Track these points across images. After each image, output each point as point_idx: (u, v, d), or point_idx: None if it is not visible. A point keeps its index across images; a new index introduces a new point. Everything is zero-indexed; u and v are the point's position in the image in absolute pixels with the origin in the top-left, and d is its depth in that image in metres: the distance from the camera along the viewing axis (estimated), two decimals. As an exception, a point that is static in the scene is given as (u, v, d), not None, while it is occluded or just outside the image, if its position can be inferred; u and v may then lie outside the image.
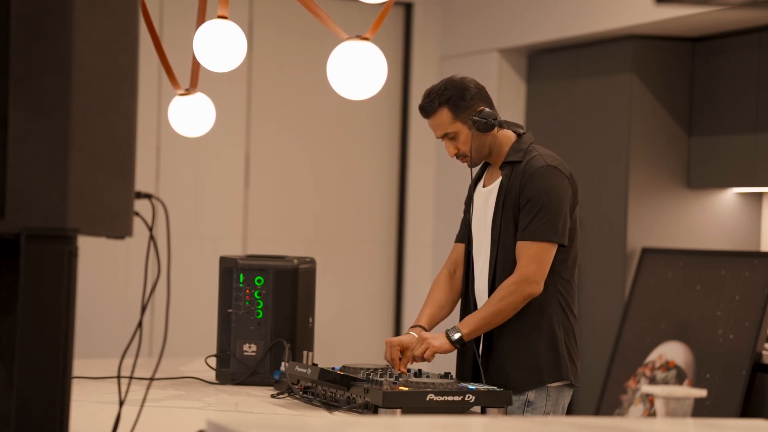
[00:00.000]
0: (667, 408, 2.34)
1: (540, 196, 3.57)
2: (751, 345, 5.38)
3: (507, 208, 3.63)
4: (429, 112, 3.72)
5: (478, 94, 3.69)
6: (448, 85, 3.69)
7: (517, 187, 3.62)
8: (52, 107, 2.15)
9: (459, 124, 3.68)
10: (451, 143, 3.72)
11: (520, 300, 3.55)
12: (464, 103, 3.67)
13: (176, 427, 3.22)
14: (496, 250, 3.64)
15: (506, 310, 3.56)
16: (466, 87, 3.68)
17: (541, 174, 3.60)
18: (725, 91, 5.97)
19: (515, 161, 3.66)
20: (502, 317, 3.57)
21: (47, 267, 2.14)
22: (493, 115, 3.67)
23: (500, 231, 3.63)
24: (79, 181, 2.16)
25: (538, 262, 3.55)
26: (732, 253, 5.80)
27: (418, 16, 7.32)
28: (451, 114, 3.68)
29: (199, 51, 4.11)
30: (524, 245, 3.57)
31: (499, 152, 3.72)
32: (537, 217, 3.57)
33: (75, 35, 2.15)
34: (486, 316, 3.58)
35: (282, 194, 7.07)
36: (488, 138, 3.69)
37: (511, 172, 3.65)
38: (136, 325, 2.37)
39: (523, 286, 3.55)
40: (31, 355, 2.14)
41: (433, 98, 3.70)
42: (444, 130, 3.71)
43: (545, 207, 3.57)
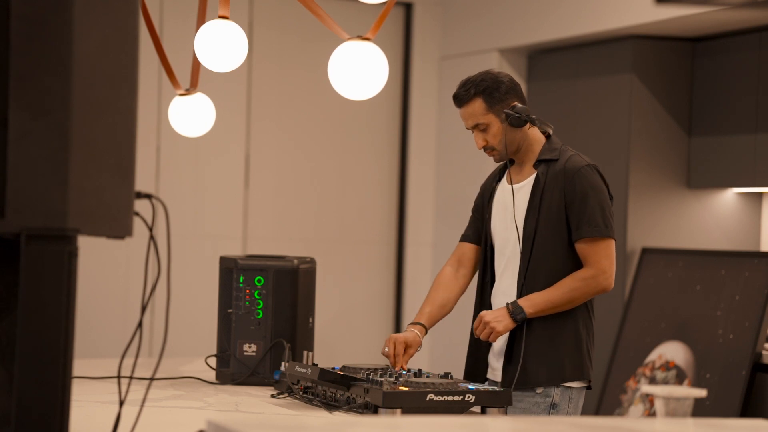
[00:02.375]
0: (667, 408, 2.34)
1: (592, 194, 3.61)
2: (751, 345, 5.38)
3: (546, 205, 3.64)
4: (463, 101, 3.75)
5: (513, 89, 3.72)
6: (484, 77, 3.73)
7: (560, 185, 3.63)
8: (52, 107, 2.15)
9: (491, 116, 3.71)
10: (481, 135, 3.74)
11: (592, 293, 3.59)
12: (498, 95, 3.70)
13: (176, 427, 3.22)
14: (530, 246, 3.64)
15: (578, 300, 3.59)
16: (501, 81, 3.72)
17: (587, 172, 3.64)
18: (725, 91, 5.97)
19: (551, 159, 3.68)
20: (570, 305, 3.59)
21: (47, 267, 2.14)
22: (526, 110, 3.69)
23: (536, 227, 3.64)
24: (79, 181, 2.16)
25: (609, 258, 3.60)
26: (732, 253, 5.80)
27: (418, 16, 7.33)
28: (484, 105, 3.71)
29: (200, 51, 4.11)
30: (590, 242, 3.60)
31: (528, 150, 3.74)
32: (596, 213, 3.60)
33: (75, 35, 2.15)
34: (555, 299, 3.58)
35: (282, 194, 7.07)
36: (518, 134, 3.71)
37: (548, 169, 3.67)
38: (136, 325, 2.37)
39: (600, 279, 3.58)
40: (31, 355, 2.14)
41: (468, 87, 3.73)
42: (476, 121, 3.73)
43: (600, 203, 3.62)
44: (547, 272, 3.63)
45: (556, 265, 3.63)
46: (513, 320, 3.58)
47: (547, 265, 3.63)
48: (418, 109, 7.30)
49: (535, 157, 3.72)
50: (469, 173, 7.08)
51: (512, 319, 3.58)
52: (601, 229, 3.60)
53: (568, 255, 3.64)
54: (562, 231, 3.63)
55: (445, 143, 7.28)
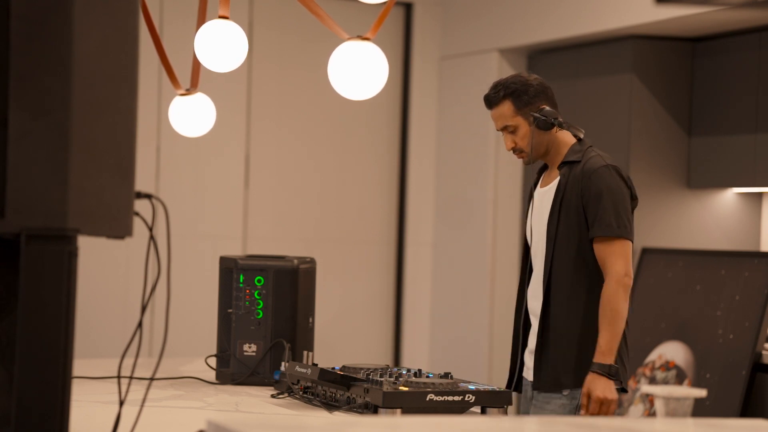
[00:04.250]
0: (667, 408, 2.34)
1: (607, 194, 3.62)
2: (751, 345, 5.38)
3: (565, 207, 3.66)
4: (492, 102, 3.78)
5: (543, 92, 3.75)
6: (514, 80, 3.76)
7: (578, 186, 3.65)
8: (52, 107, 2.15)
9: (520, 119, 3.73)
10: (510, 136, 3.76)
11: (624, 298, 3.59)
12: (527, 98, 3.73)
13: (176, 427, 3.22)
14: (552, 247, 3.66)
15: (623, 313, 3.59)
16: (530, 83, 3.75)
17: (603, 172, 3.65)
18: (725, 91, 5.97)
19: (574, 161, 3.71)
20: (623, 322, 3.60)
21: (47, 267, 2.14)
22: (554, 114, 3.72)
23: (557, 228, 3.66)
24: (79, 181, 2.16)
25: (623, 257, 3.60)
26: (732, 253, 5.80)
27: (418, 16, 7.32)
28: (513, 107, 3.73)
29: (200, 51, 4.11)
30: (603, 242, 3.61)
31: (557, 153, 3.76)
32: (608, 213, 3.61)
33: (75, 35, 2.15)
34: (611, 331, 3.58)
35: (282, 194, 7.07)
36: (547, 136, 3.74)
37: (570, 171, 3.69)
38: (136, 325, 2.37)
39: (621, 284, 3.58)
40: (31, 355, 2.14)
41: (498, 89, 3.76)
42: (504, 123, 3.75)
43: (614, 203, 3.63)
44: (569, 274, 3.64)
45: (577, 266, 3.64)
46: (608, 378, 3.58)
47: (569, 267, 3.64)
48: (418, 109, 7.30)
49: (562, 159, 3.74)
50: (469, 173, 7.08)
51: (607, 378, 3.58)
52: (613, 229, 3.60)
53: (588, 255, 3.65)
54: (582, 231, 3.65)
55: (445, 143, 7.28)
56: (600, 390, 3.56)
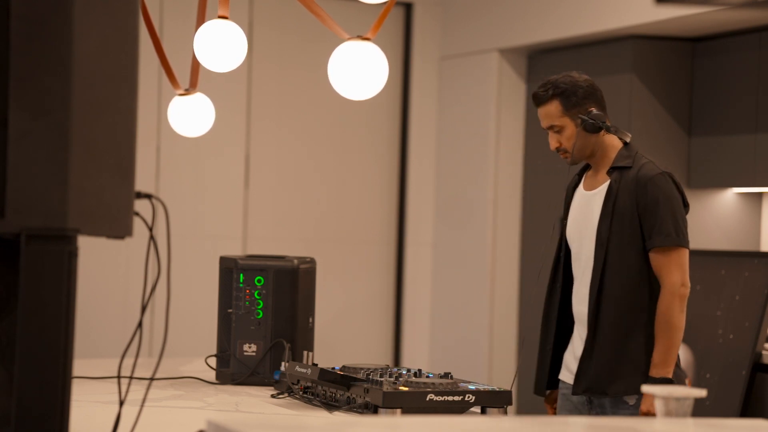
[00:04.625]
0: (667, 408, 2.34)
1: (664, 202, 3.61)
2: (751, 345, 5.38)
3: (619, 213, 3.64)
4: (541, 101, 3.75)
5: (593, 94, 3.74)
6: (565, 80, 3.74)
7: (632, 193, 3.63)
8: (52, 107, 2.15)
9: (567, 119, 3.72)
10: (555, 136, 3.74)
11: (680, 309, 3.59)
12: (576, 99, 3.71)
13: (176, 427, 3.22)
14: (603, 254, 3.63)
15: (678, 325, 3.59)
16: (580, 85, 3.73)
17: (659, 180, 3.64)
18: (725, 91, 5.97)
19: (625, 167, 3.68)
20: (679, 334, 3.60)
21: (47, 267, 2.14)
22: (602, 117, 3.70)
23: (609, 236, 3.63)
24: (79, 181, 2.16)
25: (680, 267, 3.60)
26: (732, 253, 5.80)
27: (418, 16, 7.32)
28: (561, 107, 3.72)
29: (199, 51, 4.11)
30: (662, 252, 3.61)
31: (603, 156, 3.74)
32: (667, 222, 3.60)
33: (75, 35, 2.15)
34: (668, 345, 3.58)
35: (282, 194, 7.07)
36: (593, 139, 3.72)
37: (621, 177, 3.67)
38: (136, 325, 2.37)
39: (677, 294, 3.58)
40: (31, 355, 2.14)
41: (548, 88, 3.74)
42: (551, 122, 3.73)
43: (672, 212, 3.62)
44: (621, 280, 3.63)
45: (630, 273, 3.63)
46: None
47: (622, 274, 3.62)
48: (418, 109, 7.30)
49: (609, 163, 3.72)
50: (469, 173, 7.08)
51: None
52: (673, 239, 3.60)
53: (642, 263, 3.63)
54: (636, 240, 3.63)
55: (445, 143, 7.28)
56: (646, 405, 3.56)
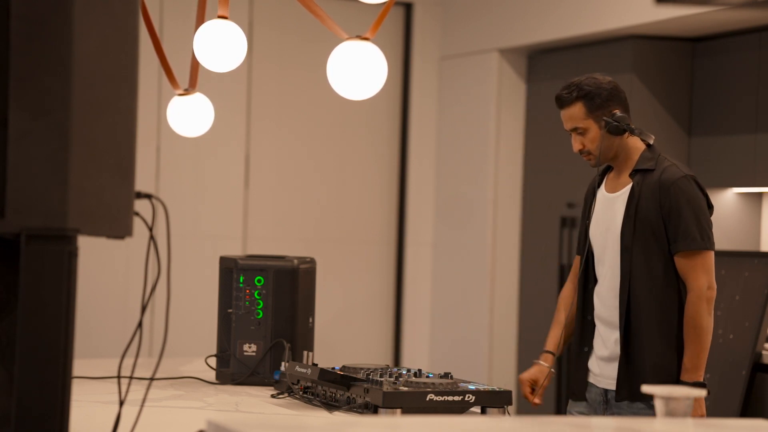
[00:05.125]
0: (667, 408, 2.34)
1: (687, 206, 3.62)
2: (751, 345, 5.38)
3: (642, 217, 3.63)
4: (565, 103, 3.74)
5: (616, 96, 3.73)
6: (589, 81, 3.73)
7: (656, 196, 3.63)
8: (52, 107, 2.15)
9: (590, 122, 3.71)
10: (579, 138, 3.74)
11: (708, 312, 3.61)
12: (599, 101, 3.70)
13: (176, 427, 3.22)
14: (629, 258, 3.63)
15: (707, 328, 3.62)
16: (604, 87, 3.72)
17: (683, 183, 3.64)
18: (725, 91, 5.97)
19: (648, 169, 3.68)
20: (709, 337, 3.63)
21: (47, 267, 2.14)
22: (626, 119, 3.70)
23: (633, 239, 3.63)
24: (79, 181, 2.16)
25: (707, 271, 3.61)
26: (732, 253, 5.80)
27: (418, 16, 7.32)
28: (585, 109, 3.70)
29: (199, 51, 4.10)
30: (687, 256, 3.61)
31: (626, 158, 3.73)
32: (691, 226, 3.61)
33: (75, 35, 2.15)
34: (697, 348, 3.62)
35: (282, 194, 7.07)
36: (617, 141, 3.71)
37: (643, 179, 3.67)
38: (136, 325, 2.37)
39: (704, 298, 3.60)
40: (31, 355, 2.14)
41: (571, 90, 3.73)
42: (575, 124, 3.72)
43: (696, 215, 3.63)
44: (648, 284, 3.63)
45: (656, 276, 3.63)
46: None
47: (648, 277, 3.63)
48: (418, 109, 7.30)
49: (632, 165, 3.72)
50: (469, 173, 7.08)
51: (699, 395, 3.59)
52: (698, 242, 3.61)
53: (667, 266, 3.63)
54: (661, 242, 3.63)
55: (445, 143, 7.28)
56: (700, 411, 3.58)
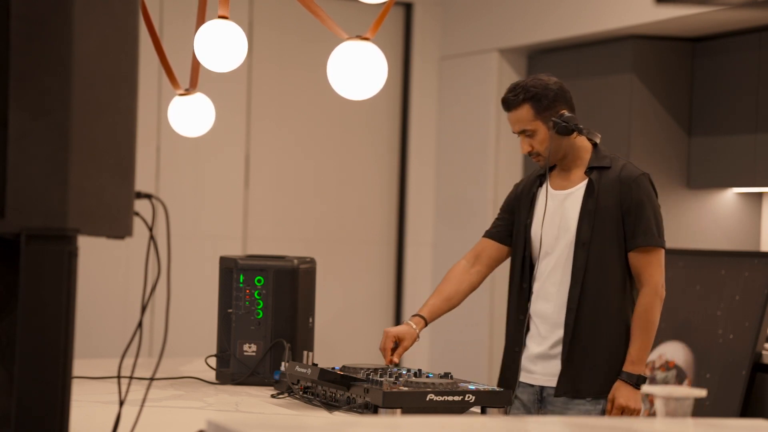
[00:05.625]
0: (667, 408, 2.34)
1: (648, 203, 3.65)
2: (751, 345, 5.38)
3: (601, 213, 3.65)
4: (512, 105, 3.73)
5: (563, 97, 3.73)
6: (535, 83, 3.72)
7: (616, 192, 3.65)
8: (52, 107, 2.15)
9: (539, 123, 3.70)
10: (527, 140, 3.73)
11: (659, 309, 3.65)
12: (546, 103, 3.69)
13: (176, 427, 3.22)
14: (585, 253, 3.64)
15: (656, 324, 3.64)
16: (550, 87, 3.71)
17: (642, 181, 3.67)
18: (725, 91, 5.97)
19: (604, 167, 3.69)
20: (654, 333, 3.65)
21: (47, 267, 2.14)
22: (573, 119, 3.70)
23: (591, 234, 3.65)
24: (79, 181, 2.16)
25: (660, 268, 3.65)
26: (732, 253, 5.80)
27: (418, 16, 7.32)
28: (532, 111, 3.70)
29: (199, 51, 4.11)
30: (644, 252, 3.64)
31: (575, 157, 3.74)
32: (651, 223, 3.64)
33: (75, 35, 2.15)
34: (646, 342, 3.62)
35: (282, 194, 7.07)
36: (565, 141, 3.71)
37: (600, 177, 3.68)
38: (136, 325, 2.37)
39: (657, 295, 3.63)
40: (31, 355, 2.14)
41: (517, 93, 3.71)
42: (522, 126, 3.72)
43: (654, 213, 3.66)
44: (603, 280, 3.64)
45: (611, 271, 3.64)
46: (635, 388, 3.60)
47: (601, 273, 3.64)
48: (418, 109, 7.30)
49: (583, 164, 3.73)
50: (469, 173, 7.08)
51: (633, 387, 3.60)
52: (656, 239, 3.64)
53: (621, 262, 3.66)
54: (619, 239, 3.65)
55: (445, 143, 7.28)
56: (624, 398, 3.58)
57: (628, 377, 3.59)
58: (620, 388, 3.59)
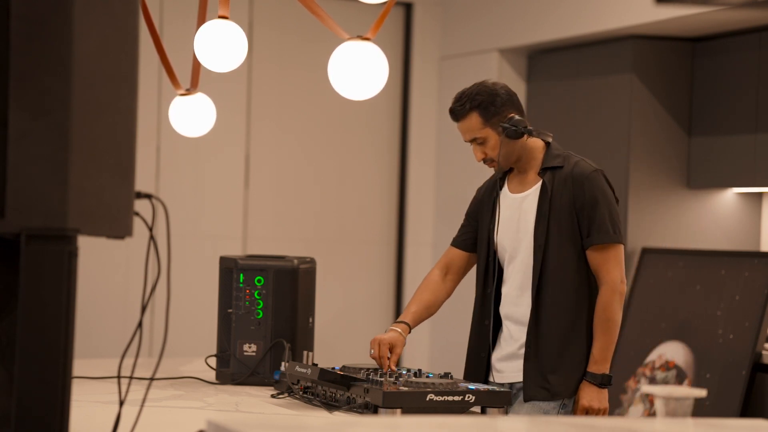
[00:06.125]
0: (667, 408, 2.34)
1: (602, 200, 3.62)
2: (751, 345, 5.38)
3: (556, 213, 3.63)
4: (459, 115, 3.71)
5: (509, 100, 3.70)
6: (479, 90, 3.69)
7: (569, 192, 3.63)
8: (52, 107, 2.15)
9: (488, 130, 3.68)
10: (480, 148, 3.71)
11: (619, 306, 3.60)
12: (494, 109, 3.67)
13: (176, 427, 3.22)
14: (542, 255, 3.63)
15: (617, 321, 3.60)
16: (497, 93, 3.68)
17: (595, 178, 3.64)
18: (725, 91, 5.97)
19: (556, 167, 3.67)
20: (617, 330, 3.61)
21: (47, 267, 2.14)
22: (522, 122, 3.68)
23: (546, 237, 3.63)
24: (79, 181, 2.16)
25: (619, 264, 3.61)
26: (732, 253, 5.80)
27: (418, 16, 7.32)
28: (480, 119, 3.67)
29: (200, 51, 4.11)
30: (600, 249, 3.61)
31: (529, 159, 3.72)
32: (605, 220, 3.61)
33: (75, 35, 2.15)
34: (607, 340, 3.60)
35: (282, 194, 7.07)
36: (517, 145, 3.69)
37: (554, 177, 3.66)
38: (136, 325, 2.37)
39: (617, 291, 3.59)
40: (31, 355, 2.14)
41: (464, 102, 3.69)
42: (473, 135, 3.70)
43: (609, 209, 3.63)
44: (561, 280, 3.63)
45: (569, 273, 3.63)
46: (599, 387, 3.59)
47: (561, 274, 3.63)
48: (418, 109, 7.30)
49: (537, 165, 3.71)
50: (469, 173, 7.07)
51: (598, 387, 3.59)
52: (611, 236, 3.61)
53: (580, 261, 3.64)
54: (575, 238, 3.63)
55: (445, 143, 7.28)
56: (587, 399, 3.57)
57: (591, 377, 3.58)
58: (584, 389, 3.58)
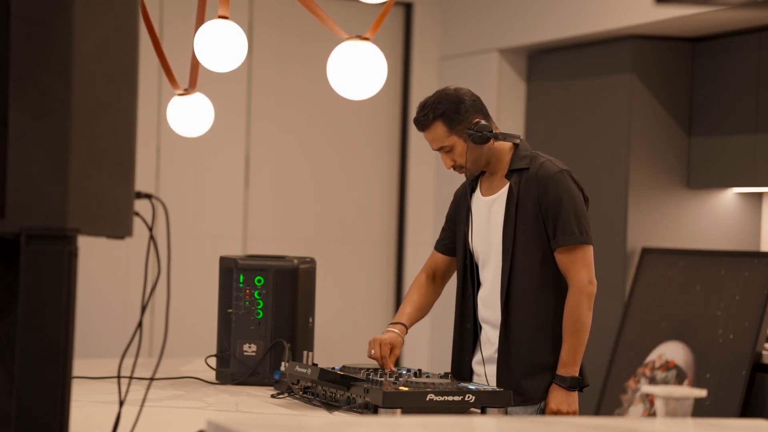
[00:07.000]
0: (667, 408, 2.34)
1: (567, 200, 3.57)
2: (751, 345, 5.38)
3: (522, 215, 3.60)
4: (424, 125, 3.68)
5: (473, 105, 3.67)
6: (442, 98, 3.66)
7: (534, 194, 3.59)
8: (52, 107, 2.15)
9: (454, 138, 3.65)
10: (448, 156, 3.69)
11: (588, 307, 3.56)
12: (459, 117, 3.64)
13: (176, 427, 3.22)
14: (510, 258, 3.60)
15: (586, 323, 3.56)
16: (460, 100, 3.65)
17: (560, 178, 3.59)
18: (725, 91, 5.97)
19: (522, 168, 3.64)
20: (587, 332, 3.57)
21: (47, 267, 2.14)
22: (488, 127, 3.64)
23: (514, 238, 3.60)
24: (79, 181, 2.16)
25: (587, 265, 3.57)
26: (732, 253, 5.80)
27: (418, 16, 7.32)
28: (445, 128, 3.65)
29: (199, 51, 4.11)
30: (567, 251, 3.57)
31: (498, 161, 3.69)
32: (570, 221, 3.56)
33: (75, 35, 2.15)
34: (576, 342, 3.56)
35: (282, 194, 7.07)
36: (484, 149, 3.66)
37: (521, 179, 3.63)
38: (136, 325, 2.37)
39: (585, 292, 3.54)
40: (31, 355, 2.14)
41: (427, 112, 3.66)
42: (440, 144, 3.67)
43: (575, 210, 3.57)
44: (529, 283, 3.60)
45: (537, 275, 3.60)
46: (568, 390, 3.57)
47: (529, 276, 3.59)
48: (415, 116, 7.29)
49: (505, 167, 3.68)
50: (469, 173, 7.08)
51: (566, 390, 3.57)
52: (577, 237, 3.56)
53: (548, 263, 3.60)
54: (542, 240, 3.59)
55: (445, 143, 7.28)
56: (555, 402, 3.56)
57: (560, 380, 3.55)
58: (552, 392, 3.56)
